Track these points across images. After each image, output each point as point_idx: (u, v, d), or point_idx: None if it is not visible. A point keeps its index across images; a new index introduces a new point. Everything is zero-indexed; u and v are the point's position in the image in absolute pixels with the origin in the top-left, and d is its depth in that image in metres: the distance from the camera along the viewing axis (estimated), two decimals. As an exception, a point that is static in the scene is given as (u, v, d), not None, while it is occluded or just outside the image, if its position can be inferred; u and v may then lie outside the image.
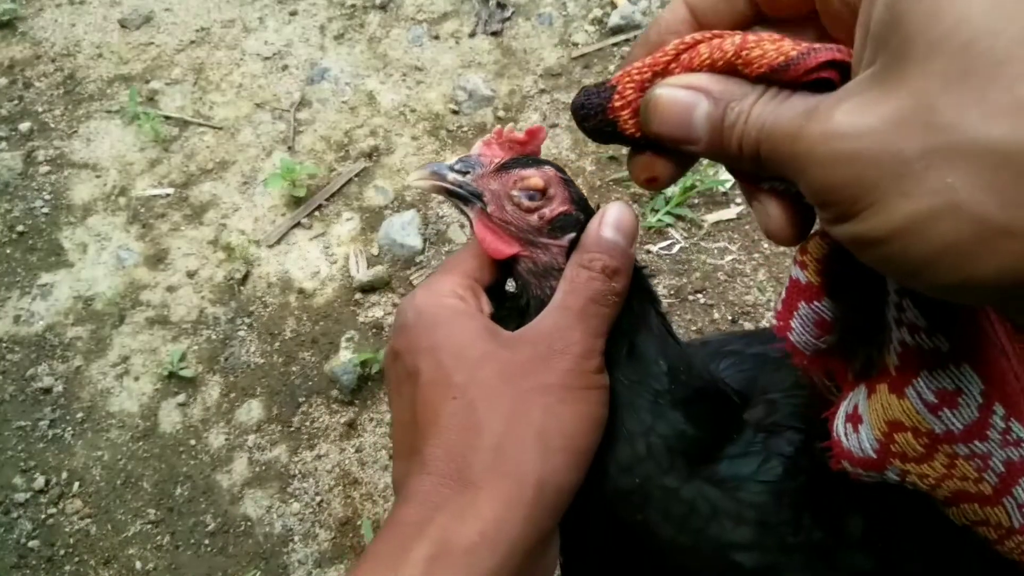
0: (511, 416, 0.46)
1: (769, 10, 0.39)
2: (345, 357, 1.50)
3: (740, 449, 0.52)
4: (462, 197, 0.53)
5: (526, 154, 0.53)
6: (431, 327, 0.50)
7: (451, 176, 0.53)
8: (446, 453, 0.46)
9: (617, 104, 0.40)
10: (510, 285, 0.56)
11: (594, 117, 0.41)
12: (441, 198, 0.60)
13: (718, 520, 0.50)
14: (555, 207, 0.52)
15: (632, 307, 0.52)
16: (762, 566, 0.50)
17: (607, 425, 0.50)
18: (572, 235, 0.52)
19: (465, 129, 1.79)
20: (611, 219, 0.51)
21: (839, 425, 0.43)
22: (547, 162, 0.53)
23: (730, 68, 0.35)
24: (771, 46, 0.34)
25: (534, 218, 0.52)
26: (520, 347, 0.49)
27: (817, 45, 0.34)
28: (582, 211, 0.53)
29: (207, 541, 1.36)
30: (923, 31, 0.26)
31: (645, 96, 0.38)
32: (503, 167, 0.53)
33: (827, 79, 0.34)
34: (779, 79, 0.34)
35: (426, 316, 0.51)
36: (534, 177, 0.52)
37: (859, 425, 0.42)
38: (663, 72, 0.38)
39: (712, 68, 0.36)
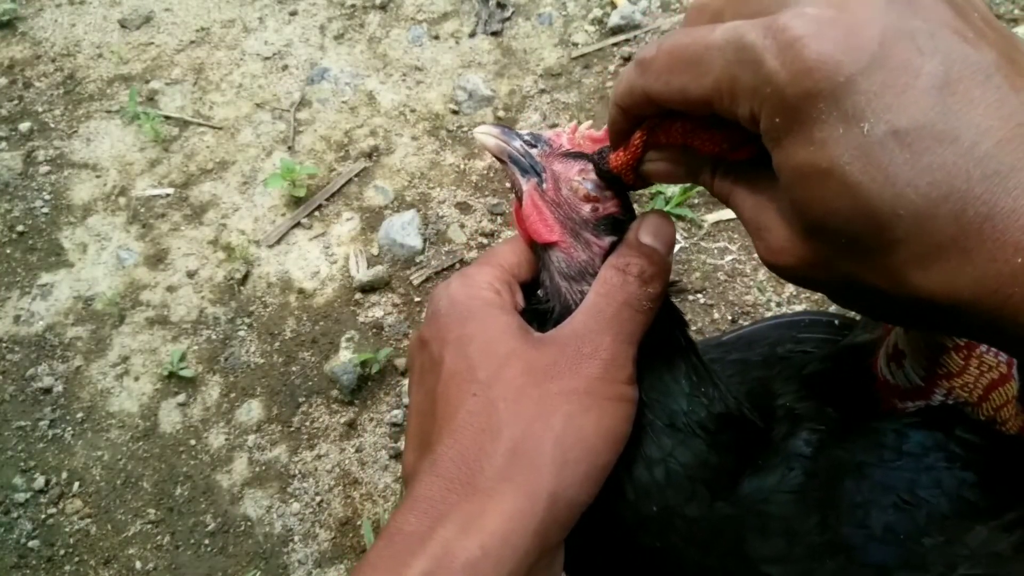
0: (531, 420, 0.44)
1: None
2: (345, 357, 1.50)
3: (760, 461, 0.51)
4: (522, 166, 0.52)
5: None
6: (463, 318, 0.49)
7: (517, 143, 0.52)
8: (459, 455, 0.44)
9: (627, 183, 0.50)
10: (541, 291, 0.55)
11: (616, 185, 0.51)
12: (492, 159, 0.59)
13: (745, 539, 0.49)
14: (608, 206, 0.52)
15: (659, 322, 0.50)
16: (793, 574, 0.49)
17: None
18: (614, 238, 0.51)
19: (465, 129, 1.79)
20: (650, 226, 0.51)
21: (883, 367, 0.51)
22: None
23: (685, 146, 0.44)
24: (706, 135, 0.42)
25: (587, 209, 0.51)
26: (548, 348, 0.47)
27: (738, 137, 0.41)
28: (629, 220, 0.52)
29: (207, 541, 1.36)
30: (806, 217, 0.36)
31: (641, 170, 0.48)
32: (570, 155, 0.53)
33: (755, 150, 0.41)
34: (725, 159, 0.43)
35: (459, 307, 0.50)
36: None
37: (903, 360, 0.50)
38: (642, 156, 0.47)
39: (672, 146, 0.45)
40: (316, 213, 1.71)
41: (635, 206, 0.54)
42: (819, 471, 0.50)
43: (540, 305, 0.53)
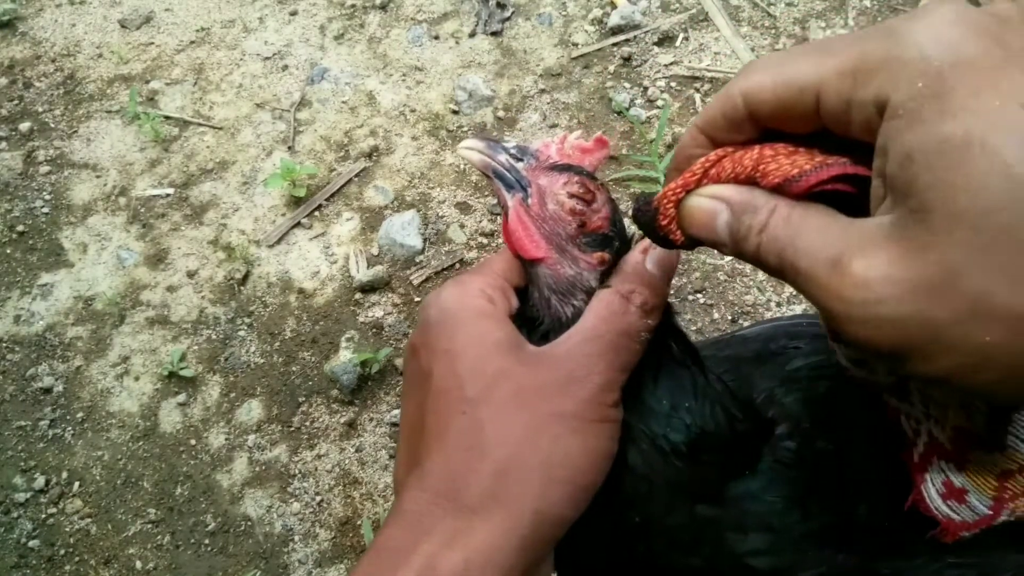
0: (519, 441, 0.45)
1: (780, 128, 0.40)
2: (345, 357, 1.51)
3: (747, 464, 0.51)
4: (507, 181, 0.51)
5: (583, 165, 0.52)
6: (452, 329, 0.48)
7: (502, 157, 0.51)
8: (446, 471, 0.45)
9: (663, 222, 0.44)
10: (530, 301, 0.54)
11: (648, 228, 0.45)
12: (476, 171, 0.57)
13: (728, 537, 0.50)
14: (595, 221, 0.51)
15: (652, 341, 0.50)
16: (778, 567, 0.49)
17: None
18: (600, 253, 0.51)
19: (465, 129, 1.79)
20: (656, 252, 0.50)
21: (940, 507, 0.47)
22: (597, 179, 0.53)
23: (750, 181, 0.39)
24: (786, 160, 0.37)
25: (573, 224, 0.50)
26: (539, 368, 0.47)
27: (830, 160, 0.37)
28: (617, 236, 0.52)
29: (207, 541, 1.36)
30: (942, 202, 0.30)
31: (681, 204, 0.43)
32: (557, 167, 0.52)
33: (841, 190, 0.37)
34: (793, 190, 0.37)
35: (449, 316, 0.49)
36: (587, 183, 0.51)
37: (965, 496, 0.46)
38: (695, 188, 0.42)
39: (735, 181, 0.40)
40: (316, 213, 1.71)
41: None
42: (803, 464, 0.50)
43: (532, 312, 0.53)
